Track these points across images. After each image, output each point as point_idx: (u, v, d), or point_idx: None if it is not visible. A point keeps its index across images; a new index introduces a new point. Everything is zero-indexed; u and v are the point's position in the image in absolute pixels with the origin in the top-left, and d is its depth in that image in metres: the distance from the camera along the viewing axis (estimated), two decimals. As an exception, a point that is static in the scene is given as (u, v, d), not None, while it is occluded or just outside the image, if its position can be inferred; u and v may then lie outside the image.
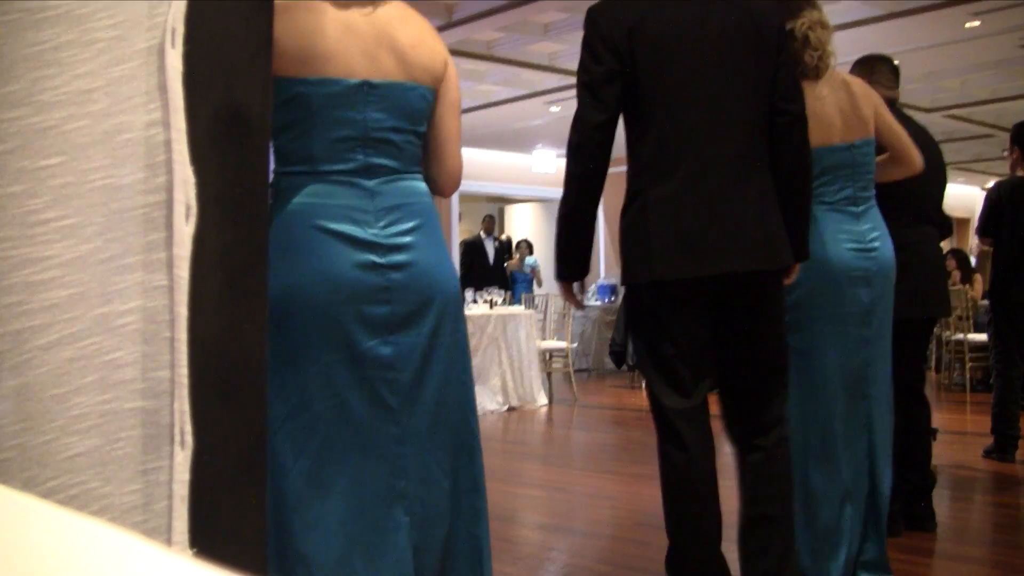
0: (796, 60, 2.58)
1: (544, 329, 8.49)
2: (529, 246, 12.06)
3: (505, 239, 12.12)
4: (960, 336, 8.16)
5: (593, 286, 11.70)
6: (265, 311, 1.19)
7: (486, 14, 6.57)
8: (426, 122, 1.97)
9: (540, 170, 12.52)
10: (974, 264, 9.94)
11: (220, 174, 1.10)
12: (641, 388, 8.85)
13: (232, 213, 1.12)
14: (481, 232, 11.47)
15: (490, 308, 7.61)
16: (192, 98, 1.07)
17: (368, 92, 1.85)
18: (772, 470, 2.37)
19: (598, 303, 11.01)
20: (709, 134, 2.25)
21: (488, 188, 12.41)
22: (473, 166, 11.80)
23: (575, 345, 8.98)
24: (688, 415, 2.30)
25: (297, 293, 1.79)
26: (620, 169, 2.35)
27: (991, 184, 5.30)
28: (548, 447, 6.30)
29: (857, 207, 2.70)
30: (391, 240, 1.86)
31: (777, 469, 2.38)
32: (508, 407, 7.39)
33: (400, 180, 1.90)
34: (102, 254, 1.03)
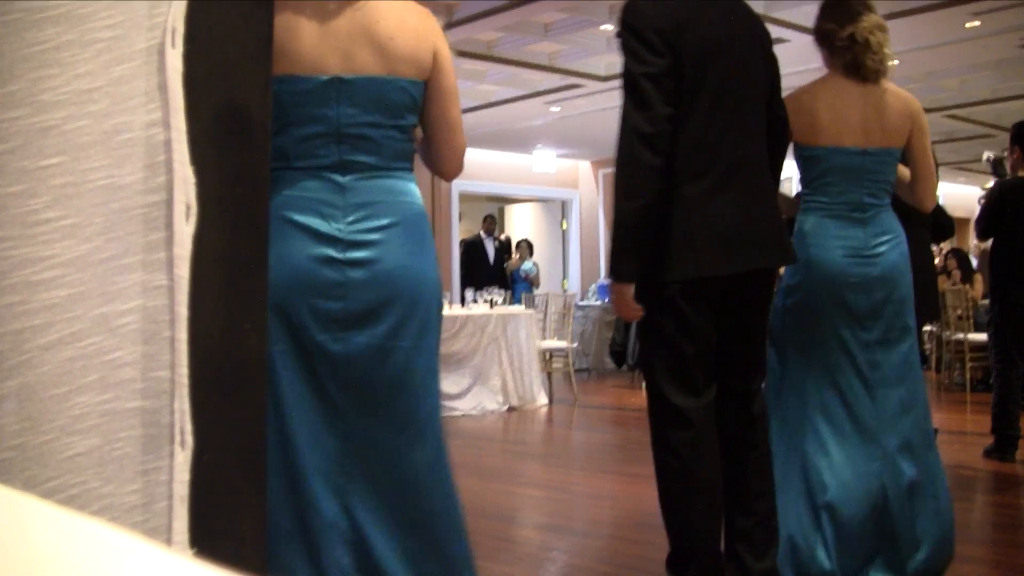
0: (855, 63, 2.67)
1: (544, 329, 8.49)
2: (529, 246, 12.04)
3: (505, 239, 12.12)
4: (960, 336, 8.17)
5: (593, 286, 11.70)
6: (265, 311, 1.19)
7: (486, 14, 6.57)
8: (410, 115, 1.94)
9: (540, 170, 12.52)
10: (975, 264, 9.94)
11: (220, 174, 1.10)
12: (641, 388, 8.85)
13: (232, 213, 1.12)
14: (481, 232, 11.47)
15: (490, 308, 7.61)
16: (192, 98, 1.07)
17: (340, 88, 1.84)
18: (762, 469, 2.42)
19: (598, 303, 11.01)
20: (738, 136, 2.34)
21: (488, 188, 12.41)
22: (473, 166, 11.80)
23: (575, 345, 8.98)
24: (701, 414, 2.34)
25: None
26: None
27: (991, 184, 5.29)
28: (548, 447, 6.30)
29: (863, 213, 2.69)
30: (355, 236, 1.84)
31: (765, 469, 2.43)
32: (508, 407, 7.39)
33: (378, 177, 1.88)
34: (102, 254, 1.03)
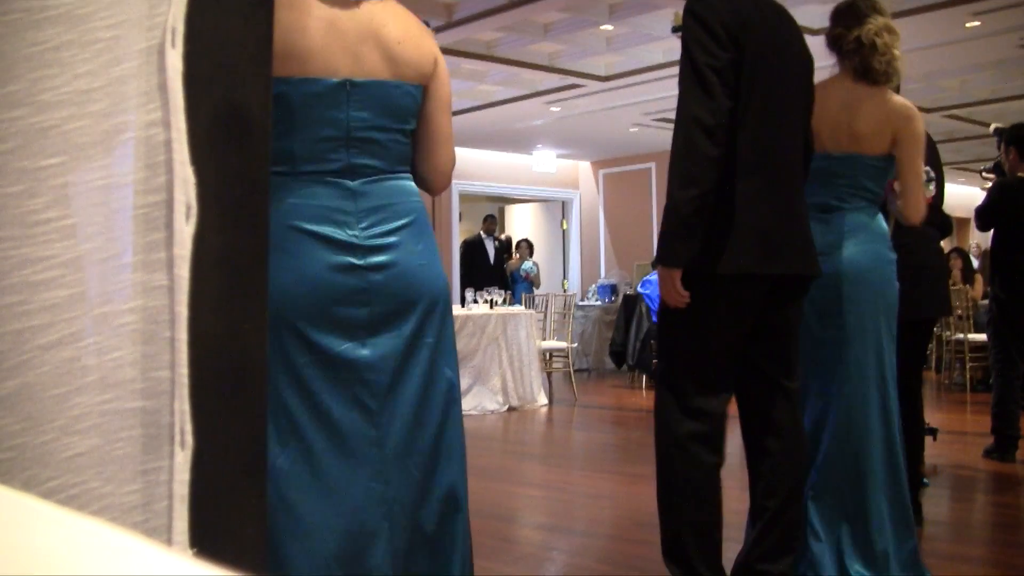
0: (864, 67, 2.70)
1: (544, 329, 8.49)
2: (530, 246, 12.03)
3: (504, 239, 12.11)
4: (960, 336, 8.16)
5: (593, 286, 11.69)
6: (265, 311, 1.19)
7: (486, 14, 6.57)
8: (413, 119, 1.94)
9: (540, 170, 12.52)
10: (976, 264, 9.94)
11: (220, 174, 1.10)
12: (641, 388, 8.85)
13: (232, 213, 1.12)
14: (481, 232, 11.47)
15: (490, 308, 7.61)
16: (192, 98, 1.07)
17: (350, 91, 1.83)
18: (786, 478, 2.43)
19: (598, 303, 11.01)
20: (787, 140, 2.37)
21: (488, 188, 12.41)
22: (473, 166, 11.83)
23: (575, 345, 8.98)
24: (721, 414, 2.36)
25: (273, 294, 1.79)
26: (623, 168, 2.36)
27: (988, 171, 5.28)
28: (548, 447, 6.30)
29: (827, 214, 2.72)
30: (372, 241, 1.84)
31: (797, 457, 2.44)
32: (508, 407, 7.39)
33: (386, 180, 1.88)
34: (102, 254, 1.03)
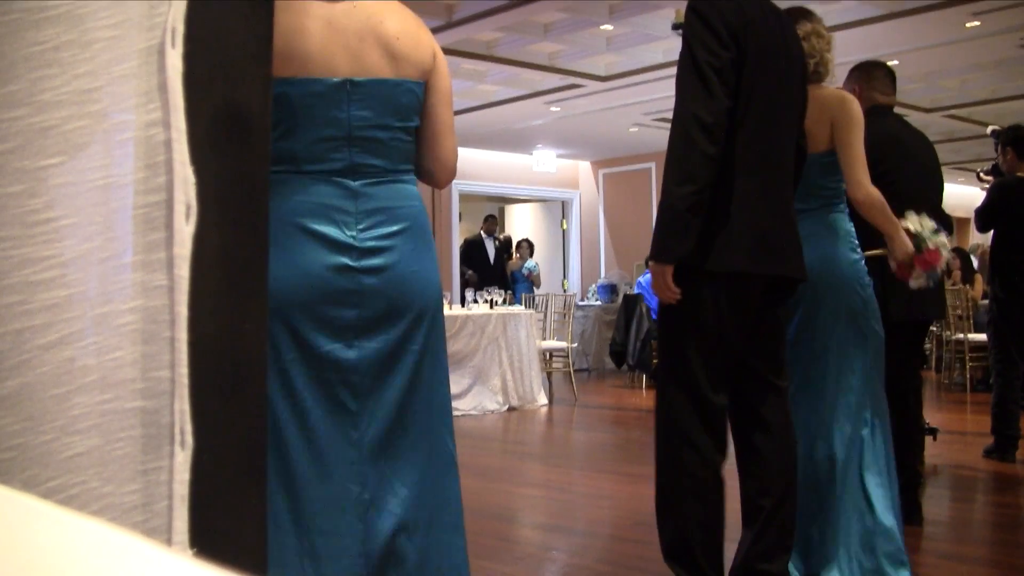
0: None
1: (544, 329, 8.49)
2: (530, 246, 12.04)
3: (504, 238, 12.12)
4: (960, 336, 8.16)
5: (593, 286, 11.69)
6: (265, 311, 1.19)
7: (486, 14, 6.57)
8: (416, 117, 1.94)
9: (540, 170, 12.52)
10: (976, 265, 9.93)
11: (220, 174, 1.10)
12: (642, 388, 8.85)
13: (232, 213, 1.12)
14: (482, 232, 11.46)
15: (490, 308, 7.61)
16: (192, 98, 1.07)
17: (351, 90, 1.83)
18: (777, 477, 2.43)
19: (598, 303, 11.00)
20: (783, 142, 2.39)
21: (488, 188, 12.41)
22: (473, 166, 11.83)
23: (575, 345, 8.98)
24: (722, 412, 2.39)
25: (269, 288, 1.79)
26: (623, 168, 2.37)
27: (986, 173, 5.28)
28: (548, 447, 6.30)
29: None
30: (369, 243, 1.84)
31: (787, 449, 2.45)
32: (508, 407, 7.39)
33: (389, 182, 1.88)
34: (102, 254, 1.03)
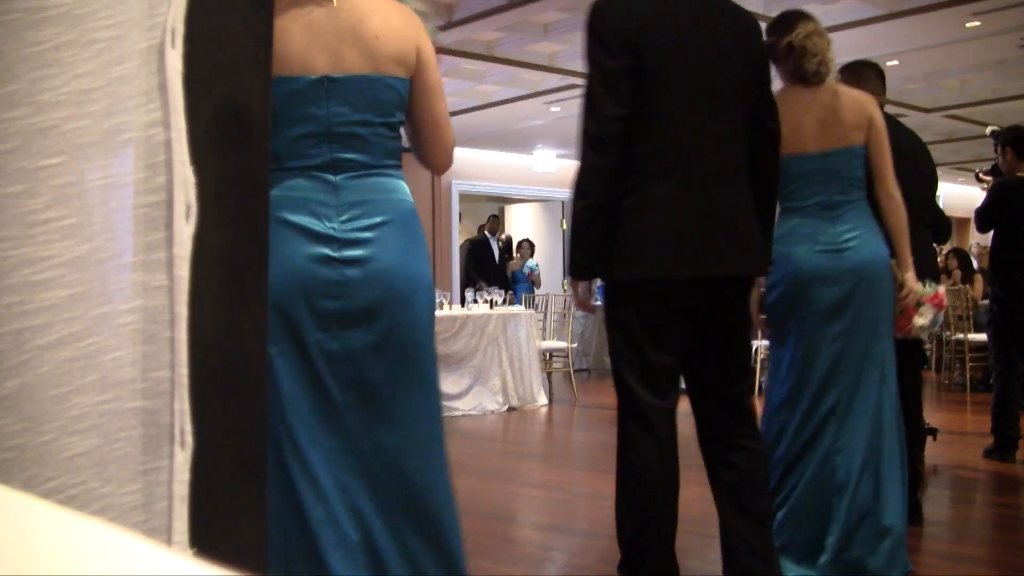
0: (797, 69, 2.75)
1: (544, 329, 8.49)
2: (531, 246, 12.04)
3: (505, 238, 12.13)
4: (960, 336, 8.16)
5: (593, 286, 11.69)
6: (265, 311, 1.19)
7: (486, 14, 6.57)
8: (399, 112, 1.94)
9: (540, 170, 12.52)
10: (976, 265, 9.94)
11: (220, 174, 1.10)
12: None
13: (232, 213, 1.12)
14: (487, 231, 11.48)
15: (490, 308, 7.61)
16: (192, 98, 1.07)
17: (329, 87, 1.84)
18: (757, 470, 2.41)
19: (598, 303, 11.00)
20: (707, 141, 2.29)
21: (488, 188, 12.41)
22: (473, 166, 11.83)
23: (575, 345, 8.98)
24: (664, 415, 2.33)
25: None
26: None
27: (985, 173, 5.28)
28: (548, 447, 6.30)
29: (833, 211, 2.77)
30: (350, 235, 1.85)
31: (754, 463, 2.41)
32: (508, 407, 7.38)
33: (369, 176, 1.89)
34: (102, 254, 1.03)
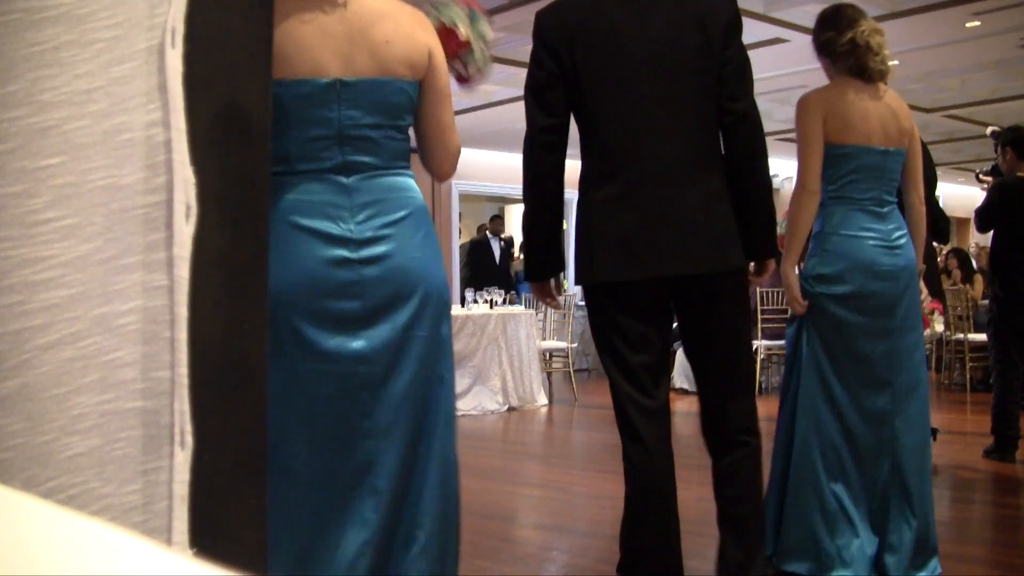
0: (859, 66, 2.77)
1: (544, 329, 8.49)
2: None
3: (507, 238, 12.13)
4: (960, 336, 8.16)
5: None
6: (265, 311, 1.19)
7: (486, 14, 6.57)
8: (409, 115, 1.95)
9: (540, 170, 12.49)
10: (976, 265, 9.93)
11: (220, 174, 1.10)
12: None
13: (232, 213, 1.12)
14: (488, 232, 11.47)
15: (490, 308, 7.60)
16: (192, 98, 1.07)
17: (341, 90, 1.85)
18: (740, 474, 2.39)
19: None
20: (652, 138, 2.24)
21: (488, 188, 12.41)
22: (473, 166, 11.81)
23: (575, 345, 8.98)
24: (648, 413, 2.32)
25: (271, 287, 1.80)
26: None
27: (985, 174, 5.28)
28: (548, 447, 6.29)
29: (882, 208, 2.83)
30: (367, 234, 1.85)
31: (744, 474, 2.39)
32: (508, 407, 7.38)
33: (381, 176, 1.90)
34: (102, 254, 1.03)
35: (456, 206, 11.93)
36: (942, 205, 5.27)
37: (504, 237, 11.92)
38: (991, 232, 5.01)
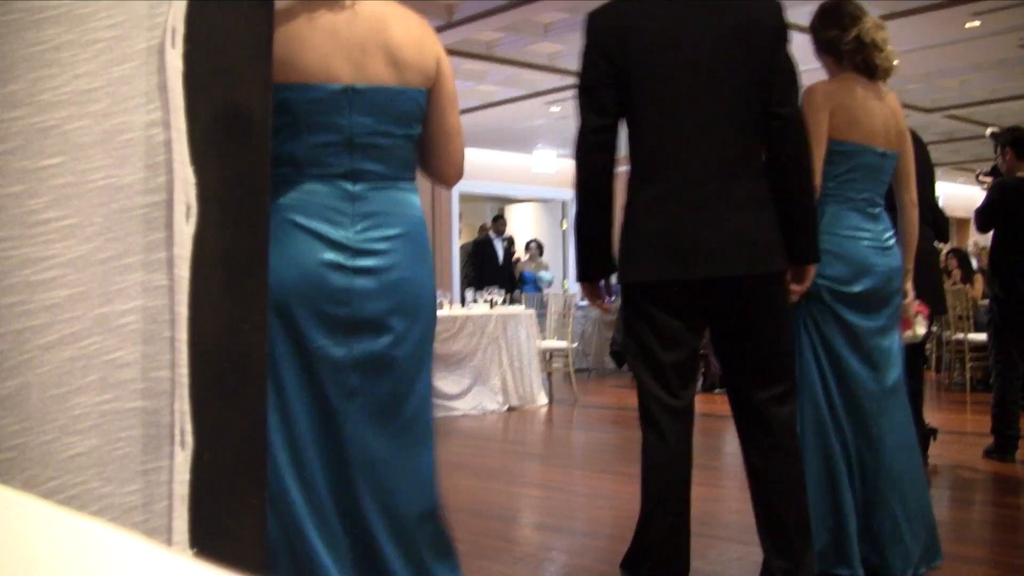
0: (865, 63, 2.77)
1: (544, 329, 8.49)
2: (539, 247, 12.03)
3: (507, 237, 12.12)
4: (960, 336, 8.16)
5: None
6: (265, 311, 1.19)
7: (486, 14, 6.57)
8: (418, 124, 1.95)
9: (540, 170, 12.52)
10: (976, 265, 9.93)
11: (220, 174, 1.10)
12: (641, 388, 8.84)
13: (232, 213, 1.12)
14: (491, 232, 11.47)
15: (490, 308, 7.61)
16: (192, 98, 1.07)
17: (353, 97, 1.84)
18: (782, 482, 2.37)
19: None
20: (698, 138, 2.26)
21: (488, 188, 12.42)
22: (473, 166, 11.73)
23: (575, 345, 8.98)
24: (672, 412, 2.32)
25: (271, 281, 1.80)
26: (623, 169, 2.36)
27: (985, 175, 5.28)
28: (548, 447, 6.30)
29: (874, 209, 2.83)
30: (363, 244, 1.86)
31: (786, 482, 2.38)
32: (508, 407, 7.39)
33: (387, 188, 1.90)
34: (102, 254, 1.03)
35: (456, 206, 11.93)
36: (942, 205, 5.27)
37: (506, 237, 11.93)
38: (991, 232, 5.01)
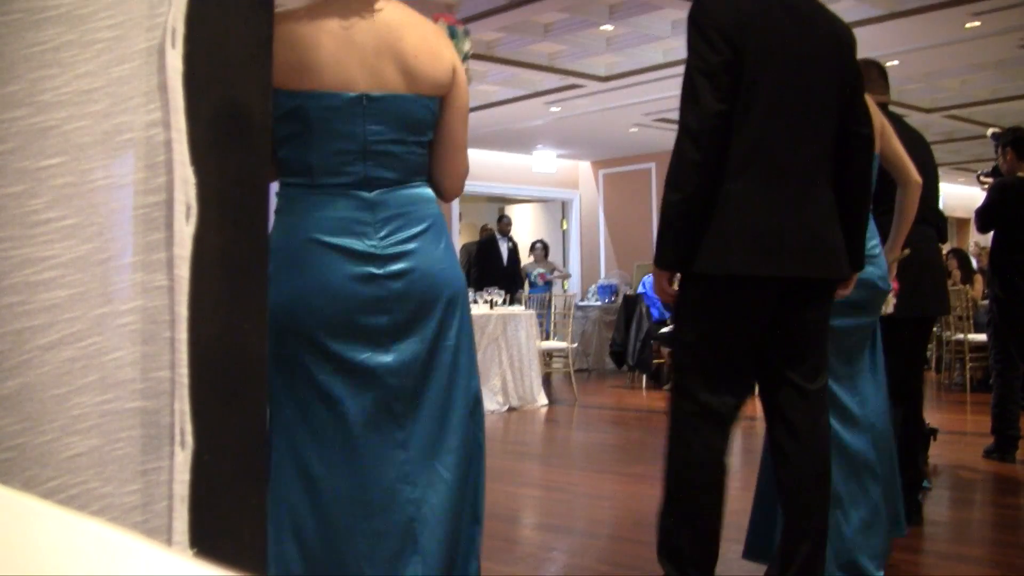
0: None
1: (544, 329, 8.49)
2: (545, 248, 12.02)
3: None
4: (960, 336, 8.16)
5: (593, 286, 11.68)
6: (265, 311, 1.19)
7: (486, 14, 6.57)
8: (430, 131, 1.94)
9: (540, 170, 12.52)
10: (976, 265, 9.93)
11: (220, 174, 1.10)
12: (642, 388, 8.85)
13: (232, 213, 1.12)
14: (496, 232, 11.46)
15: (490, 308, 7.61)
16: (192, 98, 1.07)
17: (367, 105, 1.83)
18: (804, 484, 2.37)
19: (598, 303, 11.00)
20: (792, 139, 2.30)
21: (488, 188, 12.42)
22: (473, 166, 11.69)
23: (575, 345, 8.98)
24: (720, 412, 2.32)
25: (295, 305, 1.79)
26: (623, 169, 2.34)
27: (985, 175, 5.28)
28: (548, 447, 6.30)
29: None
30: (391, 249, 1.86)
31: (809, 483, 2.38)
32: (508, 407, 7.39)
33: (401, 189, 1.89)
34: (102, 254, 1.03)
35: (456, 206, 11.93)
36: (942, 205, 5.26)
37: (510, 238, 11.92)
38: (991, 232, 5.01)
